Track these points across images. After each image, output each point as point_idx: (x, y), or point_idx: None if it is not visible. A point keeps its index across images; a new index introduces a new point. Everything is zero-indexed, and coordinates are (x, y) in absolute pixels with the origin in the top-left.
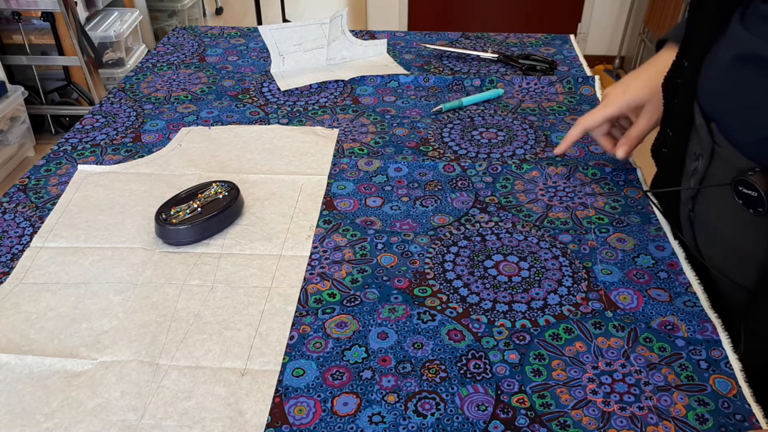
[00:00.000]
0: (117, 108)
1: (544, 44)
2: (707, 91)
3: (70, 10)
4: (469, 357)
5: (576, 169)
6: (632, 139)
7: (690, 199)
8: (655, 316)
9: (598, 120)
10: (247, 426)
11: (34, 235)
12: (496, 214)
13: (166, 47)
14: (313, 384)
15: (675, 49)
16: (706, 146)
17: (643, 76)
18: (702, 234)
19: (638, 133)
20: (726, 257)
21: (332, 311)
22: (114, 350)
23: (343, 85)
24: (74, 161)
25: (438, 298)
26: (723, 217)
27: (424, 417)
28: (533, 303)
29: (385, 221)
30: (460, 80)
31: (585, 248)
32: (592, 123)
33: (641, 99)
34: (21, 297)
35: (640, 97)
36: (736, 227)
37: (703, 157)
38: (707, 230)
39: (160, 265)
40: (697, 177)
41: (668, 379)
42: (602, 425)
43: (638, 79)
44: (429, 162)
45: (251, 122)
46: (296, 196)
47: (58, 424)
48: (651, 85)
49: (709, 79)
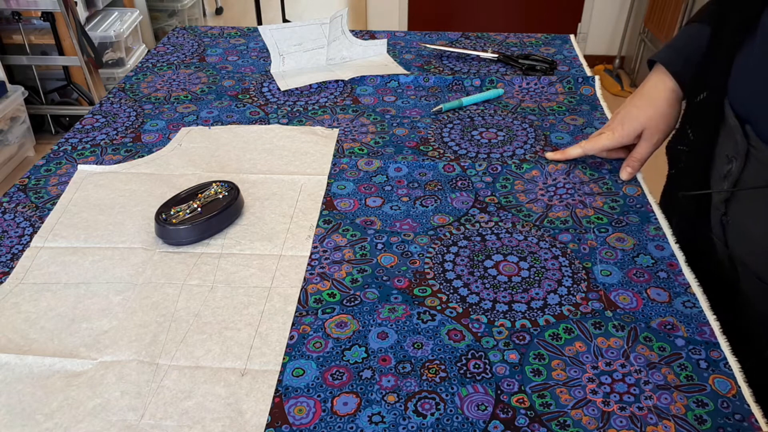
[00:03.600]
0: (117, 108)
1: (544, 44)
2: (741, 91)
3: (70, 10)
4: (469, 357)
5: (575, 169)
6: (635, 161)
7: (723, 203)
8: (655, 316)
9: (598, 149)
10: (247, 426)
11: (34, 235)
12: (496, 214)
13: (166, 47)
14: (313, 384)
15: (665, 72)
16: (741, 148)
17: (638, 105)
18: (736, 239)
19: (640, 156)
20: (764, 262)
21: (332, 311)
22: (114, 350)
23: (343, 85)
24: (74, 161)
25: (438, 298)
26: (761, 221)
27: (424, 417)
28: (533, 303)
29: (385, 221)
30: (460, 80)
31: (585, 248)
32: (592, 150)
33: (638, 128)
34: (21, 297)
35: (636, 127)
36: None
37: (737, 159)
38: (742, 235)
39: (160, 265)
40: (731, 180)
41: (668, 378)
42: (602, 425)
43: (635, 108)
44: (429, 162)
45: (251, 122)
46: (296, 196)
47: (58, 424)
48: (645, 114)
49: (743, 79)
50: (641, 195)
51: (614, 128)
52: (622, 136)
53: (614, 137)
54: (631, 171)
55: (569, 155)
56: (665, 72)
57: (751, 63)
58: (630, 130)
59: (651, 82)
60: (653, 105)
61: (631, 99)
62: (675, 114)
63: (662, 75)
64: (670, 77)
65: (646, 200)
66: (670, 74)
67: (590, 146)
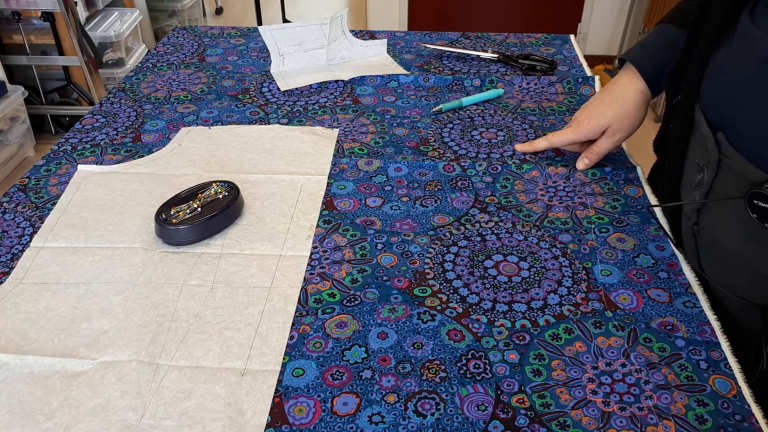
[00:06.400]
0: (117, 108)
1: (544, 44)
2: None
3: (70, 10)
4: (469, 357)
5: (576, 169)
6: (594, 154)
7: (694, 212)
8: (655, 316)
9: (564, 142)
10: (247, 426)
11: (34, 235)
12: (496, 214)
13: (166, 47)
14: (313, 384)
15: (635, 73)
16: (713, 157)
17: (605, 102)
18: (707, 249)
19: (599, 151)
20: (735, 274)
21: (332, 311)
22: (114, 350)
23: (343, 85)
24: (74, 161)
25: (438, 298)
26: (732, 231)
27: (424, 417)
28: (533, 303)
29: (385, 221)
30: (460, 80)
31: (585, 248)
32: (558, 142)
33: (604, 125)
34: (21, 297)
35: (602, 123)
36: (748, 242)
37: (708, 168)
38: (713, 245)
39: (160, 265)
40: (702, 189)
41: (668, 379)
42: (602, 425)
43: (602, 104)
44: (429, 162)
45: (251, 122)
46: (296, 196)
47: (58, 424)
48: (612, 111)
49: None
50: (642, 196)
51: (581, 122)
52: (588, 131)
53: (580, 131)
54: (588, 163)
55: (536, 147)
56: (636, 73)
57: (726, 67)
58: (596, 126)
59: (622, 80)
60: (621, 104)
61: (601, 94)
62: (641, 115)
63: (633, 76)
64: (640, 79)
65: (647, 201)
66: (641, 76)
67: (556, 139)
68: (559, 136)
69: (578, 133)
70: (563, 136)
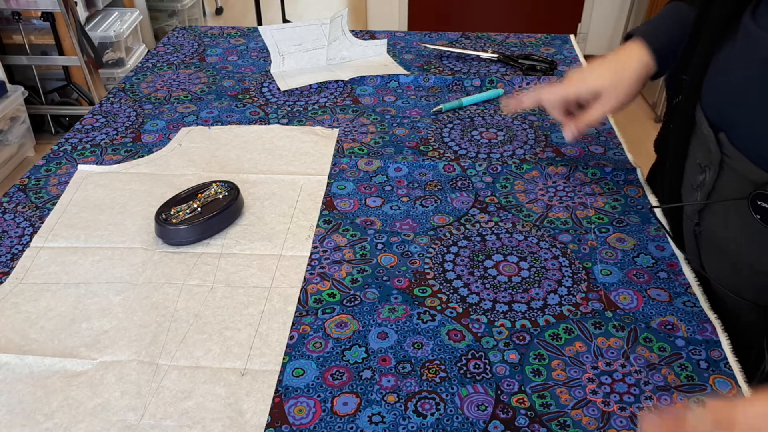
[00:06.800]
0: (117, 108)
1: (544, 44)
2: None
3: (70, 10)
4: (469, 357)
5: (576, 169)
6: (583, 124)
7: (696, 213)
8: (655, 316)
9: (555, 97)
10: (247, 426)
11: (34, 235)
12: (496, 214)
13: (166, 47)
14: (313, 384)
15: (642, 43)
16: (714, 158)
17: (605, 65)
18: (709, 250)
19: (590, 119)
20: (737, 275)
21: (332, 311)
22: (114, 350)
23: (343, 85)
24: (74, 161)
25: (438, 298)
26: (735, 232)
27: (424, 417)
28: (533, 303)
29: (385, 221)
30: (460, 80)
31: (585, 248)
32: (549, 98)
33: (599, 86)
34: (21, 297)
35: (598, 84)
36: (750, 243)
37: (710, 169)
38: (715, 246)
39: (160, 265)
40: (704, 190)
41: (668, 379)
42: (602, 425)
43: (601, 67)
44: (429, 162)
45: (251, 122)
46: (296, 196)
47: (58, 424)
48: (611, 74)
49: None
50: (642, 196)
51: (573, 79)
52: (578, 89)
53: (570, 87)
54: (575, 132)
55: (524, 103)
56: (644, 45)
57: (728, 67)
58: (590, 86)
59: (627, 50)
60: (621, 71)
61: (601, 59)
62: (636, 90)
63: (640, 47)
64: (647, 51)
65: (647, 201)
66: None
67: (547, 95)
68: (549, 92)
69: (572, 87)
70: (554, 91)
